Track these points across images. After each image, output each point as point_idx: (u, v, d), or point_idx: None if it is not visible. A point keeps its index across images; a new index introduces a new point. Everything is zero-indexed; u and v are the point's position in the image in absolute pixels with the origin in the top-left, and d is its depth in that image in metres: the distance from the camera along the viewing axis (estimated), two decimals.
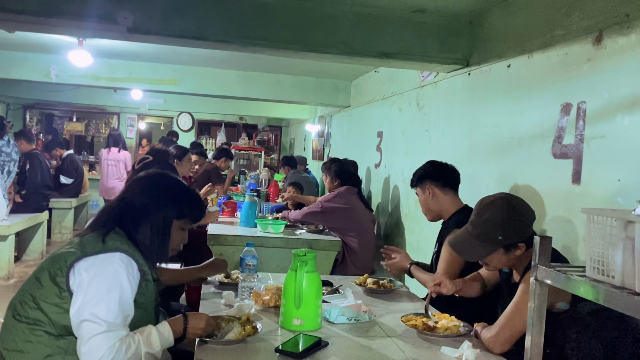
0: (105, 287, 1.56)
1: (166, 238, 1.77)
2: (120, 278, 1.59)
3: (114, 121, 11.92)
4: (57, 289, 1.56)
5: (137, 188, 1.80)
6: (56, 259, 1.62)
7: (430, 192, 2.70)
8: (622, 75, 2.00)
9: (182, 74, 6.27)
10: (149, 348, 1.62)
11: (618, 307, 1.14)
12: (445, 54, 3.27)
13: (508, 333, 1.84)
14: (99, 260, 1.60)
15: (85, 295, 1.55)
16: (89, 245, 1.63)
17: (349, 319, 2.12)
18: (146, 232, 1.72)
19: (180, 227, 1.84)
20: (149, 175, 1.87)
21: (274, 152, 11.94)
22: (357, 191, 4.30)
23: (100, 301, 1.54)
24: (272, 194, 6.55)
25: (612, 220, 1.21)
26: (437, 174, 2.74)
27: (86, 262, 1.59)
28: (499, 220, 1.90)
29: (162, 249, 1.77)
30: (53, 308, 1.56)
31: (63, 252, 1.64)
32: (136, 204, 1.74)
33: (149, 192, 1.77)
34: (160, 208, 1.76)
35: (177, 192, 1.83)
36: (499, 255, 1.94)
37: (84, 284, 1.56)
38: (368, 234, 4.20)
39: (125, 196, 1.80)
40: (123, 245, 1.66)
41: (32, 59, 6.04)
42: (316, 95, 6.51)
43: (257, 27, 3.12)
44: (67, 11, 2.88)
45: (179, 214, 1.80)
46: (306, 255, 2.00)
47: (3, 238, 5.45)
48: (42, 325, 1.55)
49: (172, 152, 4.60)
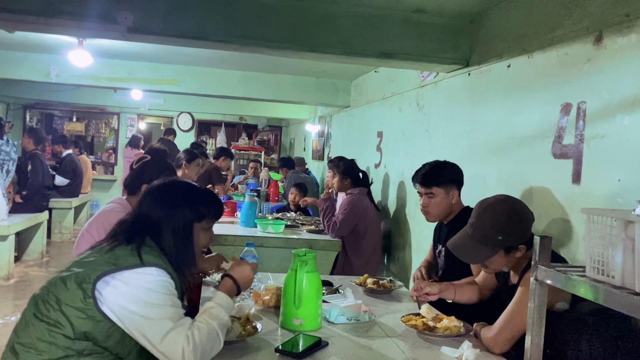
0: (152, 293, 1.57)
1: (189, 243, 1.75)
2: (161, 284, 1.60)
3: (113, 121, 11.92)
4: (82, 294, 1.55)
5: (149, 201, 1.77)
6: (87, 266, 1.60)
7: (453, 197, 2.66)
8: (622, 75, 2.00)
9: (182, 74, 6.26)
10: (218, 320, 1.65)
11: (618, 307, 1.14)
12: (445, 54, 3.27)
13: (508, 333, 1.84)
14: (137, 274, 1.58)
15: (135, 303, 1.54)
16: (124, 258, 1.61)
17: (349, 319, 2.12)
18: (170, 242, 1.70)
19: (203, 228, 1.82)
20: (157, 185, 1.84)
21: (274, 152, 11.94)
22: (367, 191, 4.29)
23: (153, 305, 1.55)
24: (272, 194, 6.55)
25: (612, 220, 1.21)
26: (461, 178, 2.72)
27: (122, 274, 1.57)
28: (500, 223, 1.90)
29: (188, 254, 1.75)
30: (76, 312, 1.55)
31: (96, 260, 1.61)
32: (154, 217, 1.72)
33: (163, 202, 1.75)
34: (178, 215, 1.74)
35: (190, 195, 1.81)
36: (499, 258, 1.94)
37: (128, 296, 1.55)
38: (376, 235, 4.20)
39: (141, 211, 1.77)
40: (157, 259, 1.64)
41: (32, 59, 6.04)
42: (316, 95, 6.51)
43: (257, 27, 3.11)
44: (67, 11, 2.88)
45: (198, 216, 1.78)
46: (306, 255, 2.00)
47: (3, 238, 5.45)
48: (61, 328, 1.54)
49: (181, 156, 4.59)
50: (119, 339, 1.58)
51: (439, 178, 2.65)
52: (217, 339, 1.62)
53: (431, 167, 2.71)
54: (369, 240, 4.11)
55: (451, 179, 2.67)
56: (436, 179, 2.66)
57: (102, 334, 1.56)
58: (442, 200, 2.65)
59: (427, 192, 2.67)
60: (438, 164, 2.73)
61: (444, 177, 2.66)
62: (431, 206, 2.68)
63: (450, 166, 2.73)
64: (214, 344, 1.61)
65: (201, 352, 1.55)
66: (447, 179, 2.65)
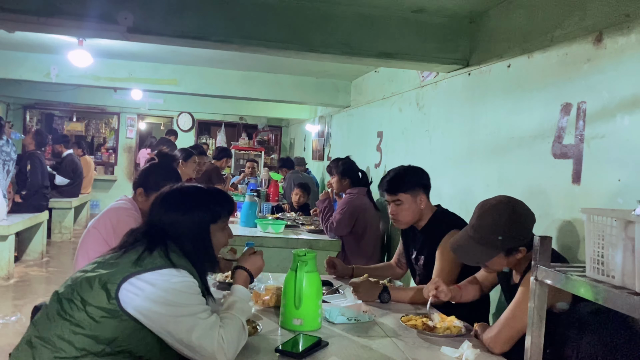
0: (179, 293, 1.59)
1: (209, 245, 1.76)
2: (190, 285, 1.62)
3: (113, 121, 11.93)
4: (106, 294, 1.55)
5: (162, 209, 1.76)
6: (113, 267, 1.61)
7: (422, 201, 2.61)
8: (622, 75, 2.00)
9: (182, 74, 6.26)
10: (244, 314, 1.74)
11: (618, 307, 1.14)
12: (445, 54, 3.27)
13: (508, 333, 1.84)
14: (164, 275, 1.59)
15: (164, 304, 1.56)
16: (149, 260, 1.61)
17: (349, 319, 2.12)
18: (189, 246, 1.70)
19: (220, 227, 1.82)
20: (168, 192, 1.82)
21: (274, 152, 11.94)
22: (366, 191, 4.29)
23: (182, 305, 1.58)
24: (272, 194, 6.55)
25: (612, 220, 1.21)
26: (427, 181, 2.68)
27: (148, 276, 1.57)
28: (501, 224, 1.90)
29: (209, 256, 1.77)
30: (100, 312, 1.55)
31: (122, 262, 1.61)
32: (169, 224, 1.72)
33: (176, 208, 1.74)
34: (193, 219, 1.74)
35: (202, 198, 1.81)
36: (499, 259, 1.94)
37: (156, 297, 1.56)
38: (376, 235, 4.20)
39: (154, 219, 1.76)
40: (182, 261, 1.65)
41: (32, 59, 6.04)
42: (316, 95, 6.51)
43: (257, 27, 3.11)
44: (67, 11, 2.88)
45: (214, 217, 1.78)
46: (306, 255, 2.00)
47: (3, 238, 5.45)
48: (84, 329, 1.54)
49: (177, 154, 4.59)
50: (141, 338, 1.58)
51: (404, 184, 2.60)
52: (244, 332, 1.69)
53: (395, 174, 2.66)
54: (368, 240, 4.10)
55: (416, 183, 2.62)
56: (401, 185, 2.60)
57: (125, 334, 1.56)
58: (409, 206, 2.59)
59: (393, 199, 2.62)
60: (401, 170, 2.68)
61: (408, 183, 2.60)
62: (400, 214, 2.62)
63: (414, 171, 2.68)
64: (242, 337, 1.68)
65: (234, 347, 1.62)
66: (412, 185, 2.60)
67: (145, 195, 2.42)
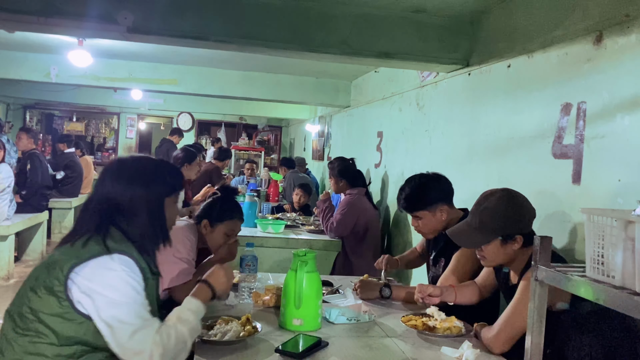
0: (119, 292, 1.51)
1: (164, 219, 1.71)
2: (128, 280, 1.54)
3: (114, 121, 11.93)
4: (56, 299, 1.50)
5: (115, 181, 1.67)
6: (50, 267, 1.55)
7: (443, 213, 2.51)
8: (622, 75, 2.00)
9: (182, 74, 6.26)
10: (189, 325, 1.61)
11: (618, 307, 1.14)
12: (445, 54, 3.27)
13: (508, 333, 1.84)
14: (101, 265, 1.53)
15: (100, 303, 1.50)
16: (85, 249, 1.55)
17: (349, 319, 2.12)
18: (144, 220, 1.65)
19: (174, 201, 1.77)
20: (122, 164, 1.73)
21: (274, 152, 11.94)
22: (365, 191, 4.28)
23: (120, 304, 1.50)
24: (272, 194, 6.55)
25: (612, 220, 1.21)
26: (447, 192, 2.57)
27: (85, 267, 1.52)
28: (497, 209, 1.93)
29: (163, 230, 1.71)
30: (55, 319, 1.51)
31: (57, 260, 1.55)
32: (125, 198, 1.64)
33: (133, 180, 1.66)
34: (152, 191, 1.68)
35: (158, 169, 1.74)
36: (495, 247, 1.95)
37: (95, 293, 1.50)
38: (376, 235, 4.20)
39: (105, 193, 1.66)
40: (119, 245, 1.58)
41: (32, 59, 6.04)
42: (316, 95, 6.51)
43: (257, 27, 3.11)
44: (67, 11, 2.88)
45: (169, 190, 1.74)
46: (306, 255, 2.00)
47: (3, 238, 5.44)
48: (44, 338, 1.50)
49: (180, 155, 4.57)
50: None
51: (421, 202, 2.52)
52: (185, 346, 1.58)
53: (411, 191, 2.56)
54: (368, 240, 4.11)
55: (435, 198, 2.52)
56: (418, 203, 2.53)
57: (89, 334, 1.52)
58: (429, 221, 2.53)
59: (413, 215, 2.57)
60: (418, 186, 2.56)
61: (426, 199, 2.52)
62: (422, 227, 2.58)
63: (431, 184, 2.56)
64: (182, 350, 1.57)
65: (169, 356, 1.51)
66: (430, 201, 2.51)
67: (211, 227, 2.48)
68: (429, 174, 2.62)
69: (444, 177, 2.63)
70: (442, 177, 2.62)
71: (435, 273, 2.64)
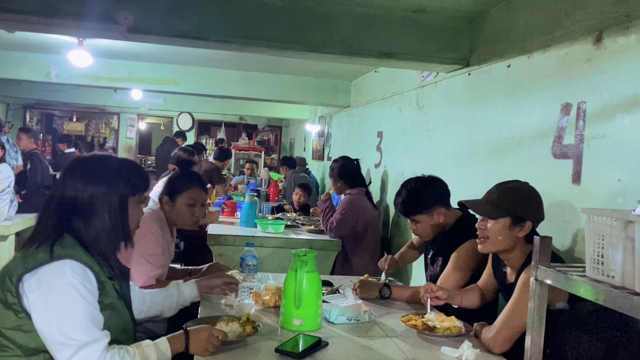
0: (65, 303, 1.46)
1: (126, 220, 1.66)
2: (76, 288, 1.48)
3: (114, 121, 11.92)
4: (13, 312, 1.47)
5: (75, 179, 1.61)
6: (2, 279, 1.50)
7: (440, 215, 2.53)
8: (622, 75, 2.00)
9: (182, 74, 6.26)
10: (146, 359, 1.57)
11: (618, 307, 1.14)
12: (445, 54, 3.27)
13: (507, 332, 1.84)
14: (48, 273, 1.47)
15: (46, 316, 1.45)
16: (31, 257, 1.49)
17: (349, 319, 2.12)
18: (103, 221, 1.60)
19: (137, 201, 1.72)
20: (81, 162, 1.69)
21: (274, 152, 11.94)
22: (365, 191, 4.28)
23: (65, 318, 1.45)
24: (272, 194, 6.55)
25: (612, 220, 1.21)
26: (443, 194, 2.59)
27: (33, 276, 1.47)
28: (517, 191, 2.02)
29: (125, 230, 1.66)
30: (15, 333, 1.47)
31: (5, 271, 1.50)
32: (84, 197, 1.59)
33: (94, 179, 1.61)
34: (113, 190, 1.62)
35: (121, 169, 1.69)
36: (503, 226, 1.96)
37: (40, 303, 1.45)
38: (376, 235, 4.20)
39: (65, 192, 1.61)
40: (70, 250, 1.52)
41: (32, 59, 6.04)
42: (316, 95, 6.51)
43: (257, 27, 3.11)
44: (67, 11, 2.88)
45: (133, 189, 1.69)
46: (306, 255, 2.00)
47: (3, 238, 5.44)
48: (9, 351, 1.47)
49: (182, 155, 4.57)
50: None
51: (418, 206, 2.55)
52: None
53: (408, 196, 2.57)
54: (368, 240, 4.11)
55: (431, 201, 2.53)
56: (415, 207, 2.55)
57: None
58: (427, 224, 2.55)
59: (411, 219, 2.60)
60: (413, 191, 2.57)
61: (422, 203, 2.54)
62: (419, 231, 2.60)
63: (427, 187, 2.57)
64: None
65: None
66: (426, 204, 2.53)
67: (172, 202, 2.50)
68: (424, 177, 2.65)
69: (439, 180, 2.65)
70: (437, 179, 2.64)
71: (433, 272, 2.65)
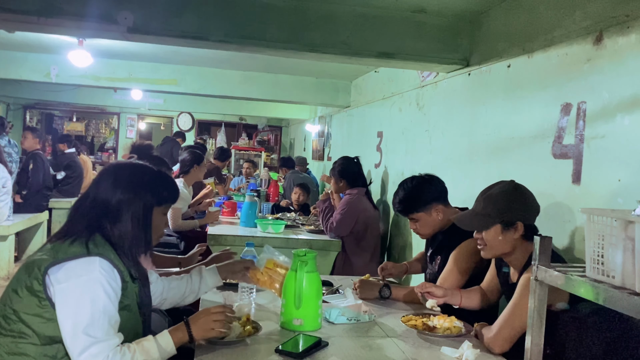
0: (89, 298, 1.52)
1: (148, 228, 1.71)
2: (102, 285, 1.54)
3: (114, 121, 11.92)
4: (37, 299, 1.52)
5: (107, 183, 1.69)
6: (29, 268, 1.56)
7: (438, 213, 2.55)
8: (622, 75, 2.00)
9: (182, 74, 6.26)
10: (146, 356, 1.59)
11: (618, 307, 1.14)
12: (445, 54, 3.27)
13: (507, 332, 1.84)
14: (78, 267, 1.54)
15: (67, 307, 1.51)
16: (63, 250, 1.56)
17: (349, 319, 2.12)
18: (127, 226, 1.66)
19: (162, 212, 1.78)
20: (116, 167, 1.77)
21: (274, 152, 11.94)
22: (365, 191, 4.28)
23: (85, 313, 1.51)
24: (272, 194, 6.55)
25: (612, 220, 1.21)
26: (440, 191, 2.60)
27: (61, 268, 1.53)
28: (499, 195, 1.99)
29: (146, 239, 1.71)
30: (35, 319, 1.52)
31: (35, 260, 1.56)
32: (112, 201, 1.66)
33: (124, 185, 1.68)
34: (139, 198, 1.69)
35: (152, 179, 1.76)
36: (496, 234, 1.96)
37: (65, 294, 1.52)
38: (376, 235, 4.20)
39: (97, 194, 1.69)
40: (100, 248, 1.59)
41: (32, 59, 6.03)
42: (316, 95, 6.51)
43: (257, 27, 3.11)
44: (67, 11, 2.88)
45: (160, 200, 1.74)
46: (306, 255, 2.00)
47: (3, 238, 5.44)
48: (27, 338, 1.52)
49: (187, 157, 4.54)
50: None
51: (415, 204, 2.56)
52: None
53: (405, 194, 2.59)
54: (368, 240, 4.11)
55: (428, 199, 2.55)
56: (413, 205, 2.57)
57: None
58: (426, 222, 2.57)
59: (409, 218, 2.61)
60: (411, 189, 2.59)
61: (420, 201, 2.55)
62: (419, 229, 2.62)
63: (424, 185, 2.59)
64: None
65: None
66: (423, 202, 2.55)
67: None
68: (421, 176, 2.66)
69: (436, 177, 2.66)
70: (434, 177, 2.66)
71: (432, 270, 2.66)
